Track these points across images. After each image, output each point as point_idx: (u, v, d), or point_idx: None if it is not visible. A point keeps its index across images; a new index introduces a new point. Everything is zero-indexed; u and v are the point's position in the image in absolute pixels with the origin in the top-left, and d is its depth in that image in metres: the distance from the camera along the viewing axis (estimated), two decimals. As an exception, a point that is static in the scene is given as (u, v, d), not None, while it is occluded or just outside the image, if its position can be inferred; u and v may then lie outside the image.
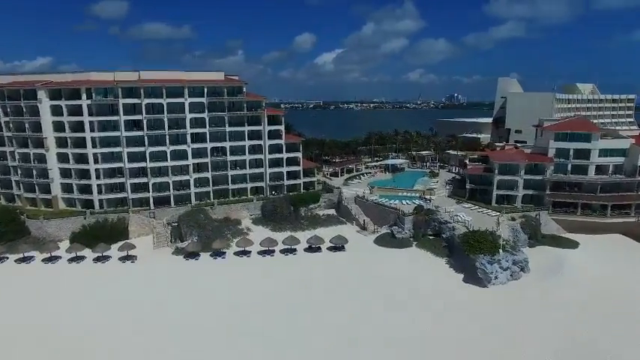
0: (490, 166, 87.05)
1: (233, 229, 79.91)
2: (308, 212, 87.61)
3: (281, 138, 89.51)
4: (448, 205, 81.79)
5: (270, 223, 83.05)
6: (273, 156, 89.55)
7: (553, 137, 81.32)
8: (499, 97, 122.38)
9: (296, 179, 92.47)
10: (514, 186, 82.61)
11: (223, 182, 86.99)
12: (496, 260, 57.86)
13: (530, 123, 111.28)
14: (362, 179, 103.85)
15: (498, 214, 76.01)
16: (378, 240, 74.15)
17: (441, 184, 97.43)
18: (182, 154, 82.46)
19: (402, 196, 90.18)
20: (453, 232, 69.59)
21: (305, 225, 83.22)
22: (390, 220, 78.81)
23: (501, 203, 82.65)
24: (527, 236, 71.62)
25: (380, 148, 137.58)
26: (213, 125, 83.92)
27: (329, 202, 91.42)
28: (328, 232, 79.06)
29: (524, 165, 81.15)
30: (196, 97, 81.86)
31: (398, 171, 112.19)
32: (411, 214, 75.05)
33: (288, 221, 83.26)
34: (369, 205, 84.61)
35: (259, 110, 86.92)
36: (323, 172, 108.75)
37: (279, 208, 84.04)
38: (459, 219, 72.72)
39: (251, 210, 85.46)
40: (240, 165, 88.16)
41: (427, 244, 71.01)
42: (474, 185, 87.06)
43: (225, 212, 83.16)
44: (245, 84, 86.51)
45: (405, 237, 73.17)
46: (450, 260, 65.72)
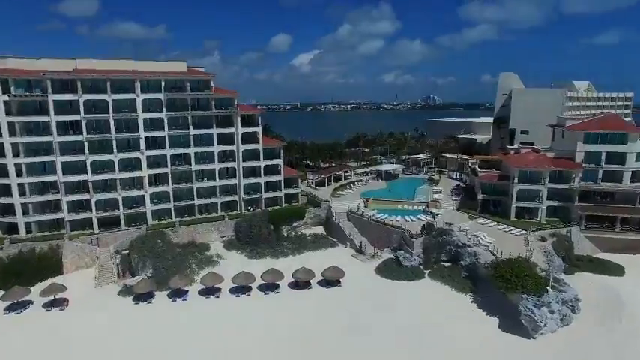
0: (506, 174, 74.14)
1: (199, 256, 64.04)
2: (291, 232, 72.52)
3: (257, 142, 74.11)
4: (459, 220, 68.30)
5: (246, 246, 67.61)
6: (248, 164, 74.08)
7: (582, 139, 68.87)
8: (500, 94, 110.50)
9: (276, 191, 77.28)
10: (536, 197, 69.87)
11: (187, 197, 71.00)
12: (545, 303, 44.21)
13: (537, 122, 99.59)
14: (353, 189, 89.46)
15: (524, 233, 62.89)
16: (380, 269, 59.71)
17: (446, 193, 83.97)
18: (134, 163, 66.05)
19: (403, 210, 76.30)
20: (475, 259, 55.92)
21: (288, 248, 68.10)
22: (394, 241, 64.61)
23: (521, 217, 69.88)
24: (561, 260, 58.73)
25: (368, 152, 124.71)
26: (173, 127, 67.85)
27: (316, 218, 76.60)
28: (317, 258, 64.34)
29: (548, 172, 68.44)
30: (151, 92, 65.61)
31: (392, 178, 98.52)
32: (420, 235, 61.02)
33: (267, 244, 67.97)
34: (366, 222, 70.23)
35: (231, 109, 71.34)
36: (307, 180, 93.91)
37: (257, 228, 68.65)
38: (479, 241, 59.16)
39: (222, 230, 69.71)
40: (208, 176, 72.30)
41: (443, 274, 57.05)
42: (486, 196, 73.93)
43: (189, 234, 67.18)
44: (212, 77, 70.72)
45: (415, 264, 59.03)
46: (476, 297, 51.84)
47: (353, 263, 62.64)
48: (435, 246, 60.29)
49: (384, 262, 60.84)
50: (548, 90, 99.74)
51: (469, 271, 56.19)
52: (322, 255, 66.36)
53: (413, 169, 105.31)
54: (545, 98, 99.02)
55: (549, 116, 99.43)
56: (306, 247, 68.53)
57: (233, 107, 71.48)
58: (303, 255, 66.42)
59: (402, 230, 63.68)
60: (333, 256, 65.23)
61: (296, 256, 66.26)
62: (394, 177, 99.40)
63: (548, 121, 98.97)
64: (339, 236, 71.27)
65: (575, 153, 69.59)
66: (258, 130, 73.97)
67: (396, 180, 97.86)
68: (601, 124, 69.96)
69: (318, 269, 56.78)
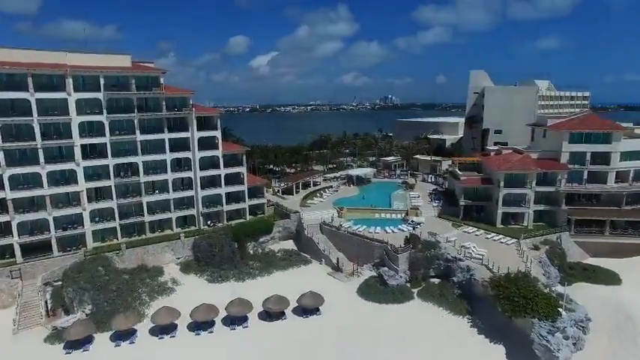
0: (488, 177, 69.34)
1: (151, 283, 54.41)
2: (258, 248, 64.15)
3: (217, 148, 65.11)
4: (443, 229, 62.51)
5: (207, 268, 58.57)
6: (206, 173, 64.94)
7: (567, 138, 65.09)
8: (471, 92, 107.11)
9: (239, 202, 68.57)
10: (522, 201, 65.42)
11: (136, 213, 61.02)
12: (560, 328, 38.56)
13: (511, 121, 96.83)
14: (324, 196, 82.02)
15: (515, 241, 57.90)
16: (363, 290, 52.52)
17: (424, 198, 78.28)
18: (68, 176, 55.47)
19: (380, 219, 69.76)
20: (469, 274, 49.97)
21: (255, 268, 59.66)
22: (375, 256, 57.79)
23: (507, 223, 65.19)
24: (557, 270, 54.10)
25: (333, 154, 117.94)
26: (116, 133, 57.83)
27: (285, 231, 68.61)
28: (289, 279, 56.56)
29: (535, 174, 64.09)
30: (88, 90, 55.30)
31: (363, 183, 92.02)
32: (405, 249, 54.46)
33: (231, 264, 59.27)
34: (342, 235, 62.99)
35: (185, 110, 62.00)
36: (273, 188, 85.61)
37: (218, 246, 59.79)
38: (470, 253, 53.41)
39: (178, 251, 60.24)
40: (160, 187, 62.60)
41: (434, 294, 50.68)
42: (469, 201, 68.77)
43: (139, 257, 57.30)
44: (163, 73, 61.08)
45: (401, 283, 52.35)
46: (475, 320, 45.74)
47: (330, 284, 55.15)
48: (422, 261, 53.96)
49: (366, 282, 53.73)
50: (522, 88, 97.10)
51: (462, 289, 50.19)
52: (294, 275, 58.56)
53: (385, 172, 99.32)
54: (519, 96, 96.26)
55: (523, 115, 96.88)
56: (276, 266, 60.41)
57: (188, 108, 62.15)
58: (273, 276, 58.34)
59: (383, 244, 56.93)
60: (306, 276, 57.68)
61: (264, 277, 58.06)
62: (366, 182, 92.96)
63: (522, 120, 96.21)
64: (313, 252, 63.65)
65: (559, 153, 65.84)
66: (217, 134, 64.96)
67: (369, 185, 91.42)
68: (585, 123, 66.53)
69: (291, 294, 48.84)
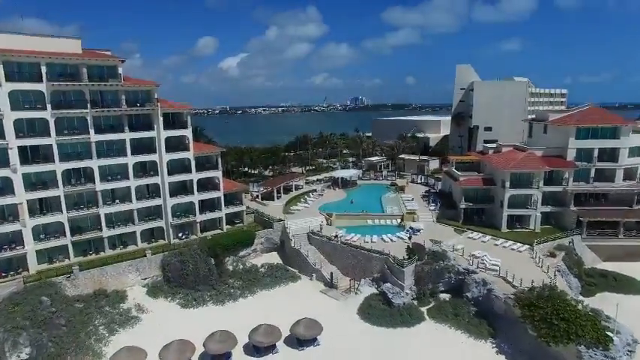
0: (490, 177, 63.62)
1: (111, 312, 45.27)
2: (238, 264, 55.79)
3: (187, 149, 56.43)
4: (445, 236, 56.21)
5: (179, 291, 49.89)
6: (176, 178, 56.17)
7: (574, 134, 60.14)
8: (457, 88, 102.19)
9: (215, 211, 60.08)
10: (528, 202, 60.01)
11: (92, 227, 51.68)
12: (615, 358, 32.40)
13: (501, 117, 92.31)
14: (308, 202, 74.34)
15: (527, 248, 52.08)
16: (364, 311, 45.17)
17: (418, 201, 71.93)
18: (2, 185, 45.64)
19: (374, 226, 62.87)
20: (485, 289, 43.52)
21: (237, 288, 51.41)
22: (374, 269, 50.67)
23: (512, 227, 59.62)
24: (577, 279, 48.62)
25: (314, 154, 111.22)
26: (65, 132, 48.43)
27: (268, 242, 60.59)
28: (277, 299, 48.88)
29: (542, 173, 58.75)
30: (25, 80, 45.68)
31: (349, 185, 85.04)
32: (410, 261, 47.52)
33: (208, 284, 50.84)
34: (334, 246, 55.52)
35: (149, 105, 53.07)
36: (251, 193, 77.23)
37: (192, 264, 51.12)
38: (484, 263, 47.07)
39: (144, 270, 51.18)
40: (121, 196, 53.41)
41: (446, 313, 43.95)
42: (470, 204, 62.85)
43: (96, 281, 47.97)
44: (121, 62, 51.84)
45: (407, 301, 45.38)
46: (501, 344, 39.20)
47: (325, 304, 47.65)
48: (429, 275, 47.21)
49: (368, 301, 46.41)
50: (512, 82, 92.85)
51: (479, 306, 43.72)
52: (282, 294, 50.75)
53: (371, 173, 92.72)
54: (509, 91, 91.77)
55: (513, 110, 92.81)
56: (260, 285, 52.32)
57: (152, 103, 53.24)
58: (258, 296, 50.30)
59: (384, 256, 49.85)
60: (296, 295, 50.08)
61: (248, 298, 49.93)
62: (351, 184, 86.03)
63: (512, 116, 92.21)
64: (301, 265, 55.94)
65: (565, 150, 60.92)
66: (187, 132, 56.23)
67: (355, 188, 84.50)
68: (591, 117, 61.75)
69: (281, 319, 41.08)
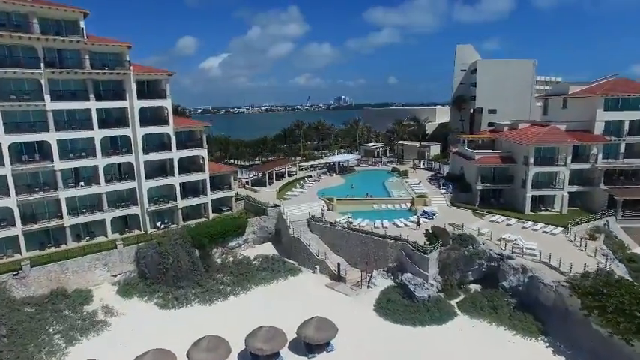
0: (509, 155, 57.02)
1: (71, 316, 36.83)
2: (228, 256, 47.77)
3: (166, 122, 48.16)
4: (464, 219, 48.91)
5: (157, 288, 41.64)
6: (153, 157, 47.83)
7: (602, 105, 53.99)
8: (457, 69, 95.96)
9: (199, 196, 51.94)
10: (552, 182, 53.63)
11: (50, 215, 42.98)
12: None
13: (506, 99, 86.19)
14: (305, 187, 66.62)
15: (561, 230, 45.41)
16: (382, 306, 37.69)
17: (427, 186, 64.97)
18: None
19: (381, 211, 55.60)
20: (526, 277, 36.52)
21: (227, 284, 43.41)
22: (389, 258, 43.25)
23: (536, 210, 53.17)
24: (623, 265, 42.11)
25: (306, 140, 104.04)
26: (11, 97, 39.71)
27: (262, 231, 52.70)
28: (275, 297, 41.10)
29: (570, 149, 52.35)
30: (-37, 33, 36.93)
31: (347, 171, 77.75)
32: (434, 247, 40.19)
33: (192, 280, 42.71)
34: (340, 232, 47.90)
35: (120, 69, 44.61)
36: (239, 180, 69.39)
37: (173, 256, 42.81)
38: (521, 248, 40.11)
39: (115, 265, 42.70)
40: (86, 178, 44.82)
41: (482, 305, 36.80)
42: (487, 185, 56.17)
43: (53, 279, 39.35)
44: (84, 15, 43.11)
45: (433, 294, 38.07)
46: (555, 343, 32.21)
47: (334, 301, 40.06)
48: (457, 262, 40.07)
49: (386, 295, 38.94)
50: (518, 60, 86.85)
51: (519, 296, 36.73)
52: (281, 290, 42.98)
53: (369, 160, 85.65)
54: (514, 70, 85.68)
55: (519, 91, 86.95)
56: (254, 279, 44.39)
57: (124, 67, 44.77)
58: (252, 293, 42.39)
59: (401, 242, 42.48)
60: (298, 290, 42.36)
61: (240, 295, 41.97)
62: (349, 170, 78.77)
63: (517, 97, 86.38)
64: (301, 256, 48.22)
65: (592, 123, 54.83)
66: (166, 103, 47.91)
67: (354, 174, 77.21)
68: (620, 86, 55.56)
69: (283, 320, 33.38)
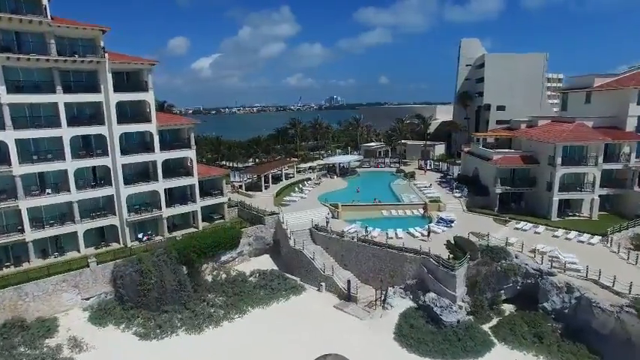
0: (530, 154, 51.64)
1: (29, 355, 30.48)
2: (220, 273, 41.66)
3: (148, 119, 41.94)
4: (485, 227, 43.38)
5: (137, 314, 35.47)
6: (133, 159, 41.61)
7: (636, 99, 48.83)
8: (463, 64, 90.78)
9: (187, 204, 45.82)
10: (579, 184, 48.34)
11: (8, 227, 36.57)
12: None
13: (515, 95, 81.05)
14: (304, 191, 60.62)
15: (599, 239, 40.02)
16: (404, 334, 31.85)
17: (438, 189, 59.40)
18: None
19: (391, 217, 49.94)
20: (574, 298, 30.94)
21: (219, 306, 37.28)
22: (407, 274, 37.50)
23: (564, 215, 47.88)
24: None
25: (303, 139, 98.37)
26: (-37, 90, 33.30)
27: (258, 243, 46.70)
28: (276, 321, 35.12)
29: (602, 147, 47.06)
30: None
31: (348, 173, 72.03)
32: (460, 262, 34.48)
33: (178, 302, 36.60)
34: (349, 244, 41.99)
35: (93, 57, 38.30)
36: (232, 184, 63.36)
37: (156, 275, 36.60)
38: (562, 262, 34.53)
39: (86, 287, 36.36)
40: (54, 184, 38.49)
41: (522, 334, 31.04)
42: (508, 187, 50.77)
43: (7, 306, 32.96)
44: (49, -6, 36.90)
45: (463, 319, 32.37)
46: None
47: (345, 326, 34.19)
48: (487, 279, 34.40)
49: (406, 320, 33.11)
50: (528, 55, 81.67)
51: (564, 320, 31.11)
52: (283, 312, 37.02)
53: (372, 160, 80.00)
54: (525, 65, 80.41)
55: (529, 87, 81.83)
56: (251, 300, 38.35)
57: (98, 55, 38.51)
58: (249, 317, 36.36)
59: (421, 256, 36.73)
60: (302, 313, 36.49)
61: (235, 321, 35.92)
62: (351, 172, 73.07)
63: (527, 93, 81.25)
64: (304, 272, 42.27)
65: (622, 119, 49.78)
66: (148, 97, 41.67)
67: (355, 176, 71.51)
68: (652, 77, 50.50)
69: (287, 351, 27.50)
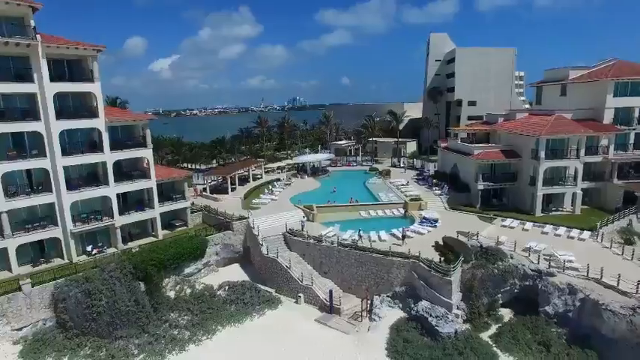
0: (510, 149, 49.78)
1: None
2: (184, 287, 36.69)
3: (95, 114, 36.34)
4: (471, 225, 40.79)
5: (83, 342, 30.02)
6: (78, 160, 35.93)
7: (612, 90, 47.92)
8: (432, 60, 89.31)
9: (145, 210, 40.49)
10: (562, 177, 46.85)
11: None
12: None
13: (486, 90, 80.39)
14: (275, 193, 56.29)
15: (590, 234, 38.28)
16: (397, 349, 28.22)
17: (416, 186, 56.78)
18: None
19: (370, 219, 46.65)
20: (579, 300, 28.46)
21: (184, 328, 32.37)
22: (395, 280, 34.07)
23: (546, 210, 46.27)
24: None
25: (270, 138, 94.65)
26: None
27: (227, 251, 42.07)
28: (250, 342, 30.75)
29: (584, 140, 45.71)
30: None
31: (319, 173, 68.34)
32: (454, 266, 31.35)
33: (135, 325, 31.40)
34: (327, 249, 38.11)
35: (20, 39, 32.37)
36: (194, 187, 58.08)
37: (107, 296, 31.26)
38: (561, 261, 32.12)
39: (18, 315, 30.44)
40: (-24, 191, 32.32)
41: (527, 342, 28.13)
42: (489, 183, 48.68)
43: None
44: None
45: (460, 329, 29.23)
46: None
47: (330, 342, 30.32)
48: (484, 283, 31.49)
49: (397, 332, 29.62)
50: (498, 49, 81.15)
51: (567, 325, 28.56)
52: (258, 330, 32.61)
53: (343, 159, 76.78)
54: (495, 59, 79.88)
55: (500, 81, 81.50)
56: (220, 318, 33.65)
57: (28, 35, 32.63)
58: (218, 338, 31.69)
59: (410, 260, 33.39)
60: (280, 330, 32.27)
61: (202, 343, 31.13)
62: (322, 171, 69.42)
63: (498, 88, 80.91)
64: (279, 282, 38.05)
65: (599, 111, 48.88)
66: (94, 88, 36.08)
67: (328, 175, 67.94)
68: (630, 69, 49.66)
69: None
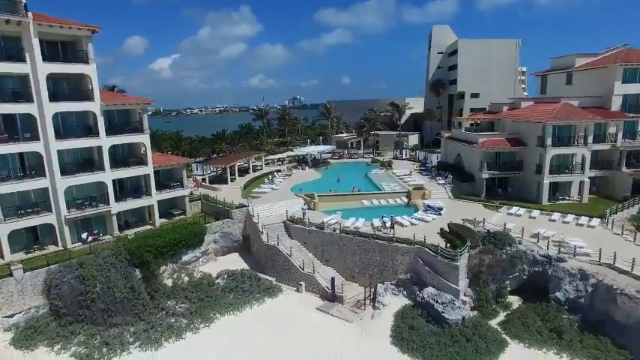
0: (516, 137, 48.65)
1: None
2: (181, 275, 35.61)
3: (90, 97, 35.24)
4: (476, 213, 39.67)
5: (77, 329, 28.91)
6: (72, 144, 34.87)
7: (620, 77, 46.77)
8: (434, 53, 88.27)
9: (141, 197, 39.40)
10: (568, 166, 45.71)
11: None
12: None
13: (489, 82, 79.27)
14: (275, 182, 55.26)
15: (600, 221, 37.21)
16: (403, 337, 27.18)
17: (419, 176, 55.75)
18: None
19: (373, 207, 45.54)
20: (591, 286, 27.39)
21: (181, 316, 31.30)
22: (399, 267, 32.98)
23: (553, 199, 45.17)
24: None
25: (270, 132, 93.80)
26: None
27: (226, 239, 40.98)
28: (250, 330, 29.71)
29: (592, 127, 44.59)
30: None
31: (320, 164, 67.34)
32: (461, 251, 30.27)
33: (131, 313, 30.35)
34: (329, 236, 37.02)
35: (11, 16, 31.25)
36: (193, 177, 57.07)
37: (102, 282, 30.21)
38: (572, 247, 31.02)
39: (9, 302, 29.38)
40: (-34, 174, 31.29)
41: (538, 329, 27.05)
42: (495, 172, 47.58)
43: None
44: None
45: (467, 315, 28.16)
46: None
47: (333, 330, 29.27)
48: (492, 269, 30.39)
49: (402, 319, 28.54)
50: (501, 40, 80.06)
51: (580, 311, 27.50)
52: (258, 318, 31.52)
53: (345, 151, 75.78)
54: (498, 50, 78.80)
55: (503, 74, 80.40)
56: (219, 306, 32.58)
57: (17, 14, 31.51)
58: (217, 326, 30.61)
59: (415, 246, 32.29)
60: (280, 318, 31.24)
61: (200, 331, 30.05)
62: (324, 163, 68.40)
63: (501, 80, 79.78)
64: (280, 270, 36.98)
65: (606, 98, 47.77)
66: (88, 70, 34.98)
67: (329, 167, 66.93)
68: (635, 56, 48.36)
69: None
